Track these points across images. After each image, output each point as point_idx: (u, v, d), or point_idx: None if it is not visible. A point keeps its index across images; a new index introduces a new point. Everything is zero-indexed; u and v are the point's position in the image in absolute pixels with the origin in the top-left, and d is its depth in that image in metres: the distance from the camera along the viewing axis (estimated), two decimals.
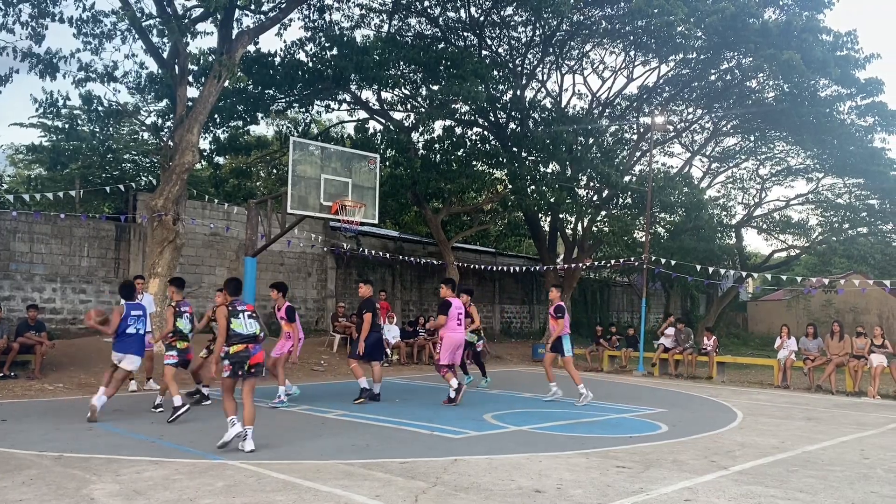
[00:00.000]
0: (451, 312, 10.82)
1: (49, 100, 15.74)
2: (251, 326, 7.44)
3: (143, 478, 6.03)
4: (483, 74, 19.82)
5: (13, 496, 5.43)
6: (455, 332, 10.89)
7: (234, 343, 7.32)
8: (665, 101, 24.76)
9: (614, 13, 21.17)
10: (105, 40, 14.84)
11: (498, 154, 21.65)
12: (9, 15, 13.57)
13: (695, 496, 5.84)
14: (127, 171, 22.46)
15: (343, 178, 14.05)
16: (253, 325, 7.45)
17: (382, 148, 20.34)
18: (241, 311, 7.46)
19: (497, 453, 7.34)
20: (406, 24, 22.81)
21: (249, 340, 7.37)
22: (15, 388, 11.45)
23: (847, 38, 21.20)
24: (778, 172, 29.34)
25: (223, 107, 19.37)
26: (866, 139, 23.98)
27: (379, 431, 8.55)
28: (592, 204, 23.36)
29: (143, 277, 13.30)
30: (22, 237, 15.35)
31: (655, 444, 8.08)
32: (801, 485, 6.35)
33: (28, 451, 6.95)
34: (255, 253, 14.80)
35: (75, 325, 15.94)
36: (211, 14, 14.90)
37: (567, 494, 5.79)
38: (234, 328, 7.37)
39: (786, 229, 29.43)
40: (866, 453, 7.98)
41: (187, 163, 14.88)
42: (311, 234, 20.44)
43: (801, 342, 15.85)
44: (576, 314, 29.48)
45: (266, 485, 5.87)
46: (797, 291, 31.81)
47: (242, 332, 7.37)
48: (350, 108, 23.46)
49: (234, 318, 7.40)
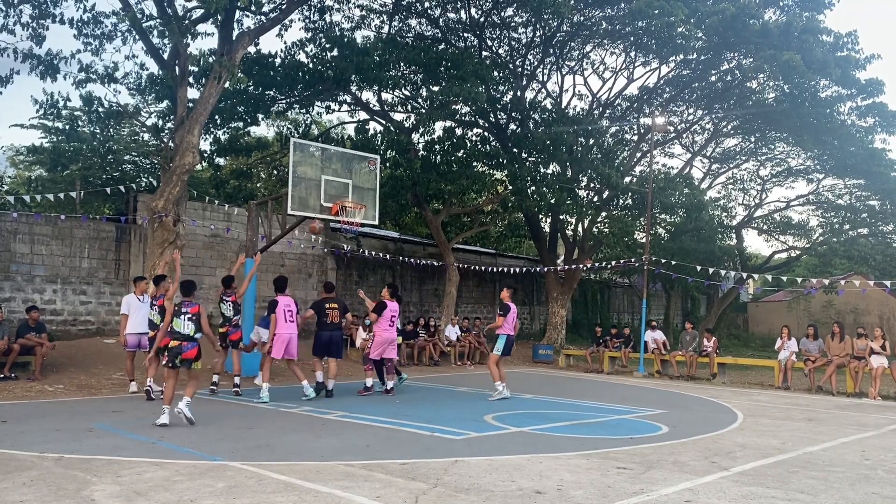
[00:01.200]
0: (385, 314, 12.05)
1: (49, 101, 15.72)
2: (187, 328, 8.63)
3: (144, 479, 6.03)
4: (483, 75, 19.82)
5: (14, 497, 5.43)
6: (386, 332, 12.06)
7: (172, 339, 8.60)
8: (665, 101, 24.75)
9: (615, 14, 21.17)
10: (105, 41, 14.80)
11: (498, 155, 21.64)
12: (9, 16, 13.54)
13: (695, 497, 5.83)
14: (127, 172, 22.44)
15: (343, 180, 14.04)
16: (189, 327, 8.65)
17: (383, 149, 20.33)
18: (184, 313, 8.67)
19: (497, 454, 7.34)
20: (406, 25, 22.80)
21: (184, 339, 8.61)
22: (15, 389, 11.45)
23: (847, 39, 21.19)
24: (778, 173, 29.34)
25: (224, 108, 19.36)
26: (867, 140, 23.97)
27: (379, 432, 8.55)
28: (593, 205, 23.35)
29: (144, 278, 13.29)
30: (22, 238, 15.35)
31: (656, 446, 8.08)
32: (802, 486, 6.35)
33: (29, 453, 6.95)
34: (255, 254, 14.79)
35: (76, 327, 15.95)
36: (211, 15, 14.89)
37: (567, 495, 5.79)
38: (174, 326, 8.63)
39: (786, 230, 29.44)
40: (867, 454, 7.98)
41: (188, 164, 14.87)
42: (312, 236, 20.44)
43: (801, 343, 15.85)
44: (576, 315, 29.52)
45: (266, 486, 5.87)
46: (798, 292, 31.83)
47: (180, 330, 8.61)
48: (350, 109, 23.46)
49: (176, 317, 8.65)
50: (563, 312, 24.37)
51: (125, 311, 11.93)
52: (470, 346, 19.70)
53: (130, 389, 11.67)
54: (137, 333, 11.81)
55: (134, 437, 7.91)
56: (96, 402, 10.69)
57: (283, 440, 7.87)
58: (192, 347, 8.64)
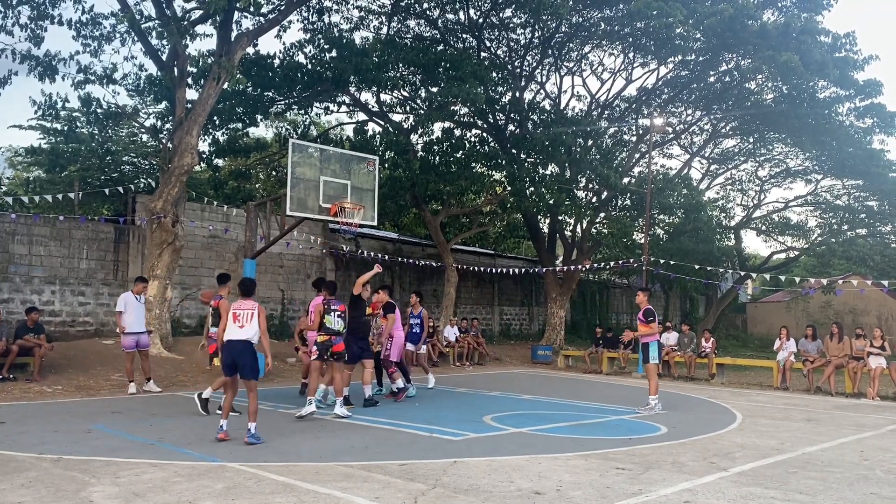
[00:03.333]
0: (396, 314, 11.96)
1: (48, 102, 15.72)
2: (337, 324, 9.65)
3: (143, 480, 6.03)
4: (482, 76, 19.83)
5: (12, 498, 5.42)
6: (400, 332, 12.05)
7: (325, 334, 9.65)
8: (664, 102, 24.78)
9: (613, 15, 21.19)
10: (104, 42, 14.80)
11: (497, 156, 21.65)
12: (8, 17, 13.54)
13: (694, 498, 5.83)
14: (126, 173, 22.41)
15: (342, 180, 14.03)
16: (339, 323, 9.67)
17: (381, 150, 20.34)
18: (333, 310, 9.67)
19: (496, 455, 7.34)
20: (405, 26, 22.82)
21: (334, 333, 9.59)
22: (14, 390, 11.43)
23: (846, 40, 21.23)
24: (777, 174, 29.39)
25: (222, 109, 19.37)
26: (865, 140, 24.00)
27: (378, 433, 8.54)
28: (591, 205, 23.37)
29: (146, 280, 13.30)
30: (21, 239, 15.34)
31: (655, 446, 8.08)
32: (801, 486, 6.35)
33: (27, 454, 6.94)
34: (254, 255, 14.79)
35: (74, 328, 15.94)
36: (210, 16, 14.90)
37: (566, 496, 5.79)
38: (325, 322, 9.64)
39: (785, 231, 29.48)
40: (866, 455, 7.98)
41: (186, 165, 14.87)
42: (311, 236, 20.43)
43: (800, 344, 15.85)
44: (575, 316, 29.51)
45: (265, 487, 5.86)
46: (796, 293, 31.86)
47: (331, 327, 9.62)
48: (349, 110, 23.48)
49: (327, 314, 9.65)
50: (561, 313, 24.37)
51: (121, 308, 11.81)
52: (469, 347, 19.69)
53: (129, 391, 11.64)
54: (135, 333, 11.77)
55: (132, 438, 7.90)
56: (95, 403, 10.68)
57: (282, 441, 7.86)
58: (340, 342, 9.58)
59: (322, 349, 9.66)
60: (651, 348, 11.06)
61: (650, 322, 11.01)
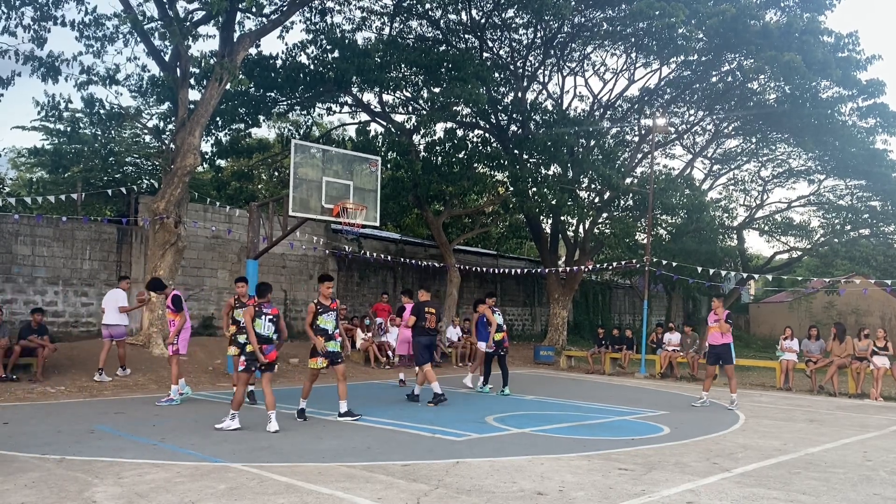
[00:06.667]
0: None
1: (51, 103, 15.75)
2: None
3: (145, 480, 6.04)
4: (484, 77, 19.80)
5: (15, 499, 5.43)
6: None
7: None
8: (666, 102, 24.75)
9: (615, 15, 21.17)
10: (107, 43, 14.83)
11: (499, 156, 21.64)
12: (11, 18, 13.57)
13: (697, 498, 5.83)
14: (129, 174, 22.42)
15: (344, 181, 14.04)
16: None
17: (384, 150, 20.34)
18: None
19: (499, 456, 7.34)
20: (407, 27, 22.81)
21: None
22: (17, 390, 11.45)
23: (848, 40, 21.19)
24: (779, 174, 29.34)
25: (225, 109, 19.37)
26: (868, 141, 23.98)
27: (380, 434, 8.55)
28: (594, 206, 23.35)
29: (128, 277, 13.77)
30: (24, 240, 15.36)
31: (657, 447, 8.08)
32: (804, 487, 6.34)
33: (30, 454, 6.96)
34: (256, 255, 14.80)
35: (77, 328, 15.96)
36: (212, 17, 14.92)
37: (569, 497, 5.78)
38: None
39: (787, 231, 29.43)
40: (869, 455, 7.97)
41: (189, 165, 14.88)
42: (313, 237, 20.44)
43: (803, 344, 15.83)
44: (577, 316, 29.49)
45: (268, 487, 5.87)
46: (799, 293, 31.82)
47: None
48: (351, 110, 23.48)
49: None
50: (564, 314, 24.36)
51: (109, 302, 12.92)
52: (471, 348, 19.65)
53: (95, 377, 12.48)
54: (106, 325, 12.89)
55: (135, 438, 7.91)
56: (98, 403, 10.70)
57: (285, 442, 7.87)
58: (272, 350, 8.96)
59: (251, 360, 8.67)
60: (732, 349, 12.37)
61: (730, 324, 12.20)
